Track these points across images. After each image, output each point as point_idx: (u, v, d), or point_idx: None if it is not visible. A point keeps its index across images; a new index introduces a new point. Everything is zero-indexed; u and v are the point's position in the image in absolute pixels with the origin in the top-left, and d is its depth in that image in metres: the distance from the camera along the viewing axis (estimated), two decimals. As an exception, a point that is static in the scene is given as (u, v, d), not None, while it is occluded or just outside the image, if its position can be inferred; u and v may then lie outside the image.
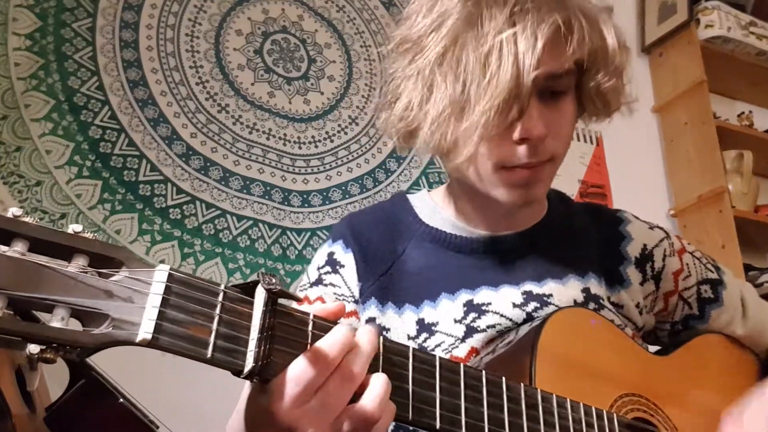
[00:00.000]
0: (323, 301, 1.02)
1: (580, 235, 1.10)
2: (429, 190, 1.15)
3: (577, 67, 0.92)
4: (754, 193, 3.08)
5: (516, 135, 0.89)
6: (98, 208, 2.02)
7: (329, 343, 0.63)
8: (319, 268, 1.06)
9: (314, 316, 0.66)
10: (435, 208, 1.09)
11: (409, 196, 1.14)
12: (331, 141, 2.48)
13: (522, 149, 0.90)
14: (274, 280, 0.61)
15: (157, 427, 1.47)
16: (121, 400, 1.40)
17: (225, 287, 0.61)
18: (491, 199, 0.97)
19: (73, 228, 0.55)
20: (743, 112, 3.34)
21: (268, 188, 2.31)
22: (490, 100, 0.83)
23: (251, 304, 0.61)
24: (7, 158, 1.94)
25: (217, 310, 0.59)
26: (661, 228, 1.15)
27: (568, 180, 2.83)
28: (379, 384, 0.65)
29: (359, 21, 2.70)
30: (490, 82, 0.83)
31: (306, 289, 1.05)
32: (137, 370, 1.50)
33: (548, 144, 0.91)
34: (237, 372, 0.60)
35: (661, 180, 3.13)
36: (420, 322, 0.99)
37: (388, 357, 0.69)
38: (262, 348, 0.60)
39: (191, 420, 1.65)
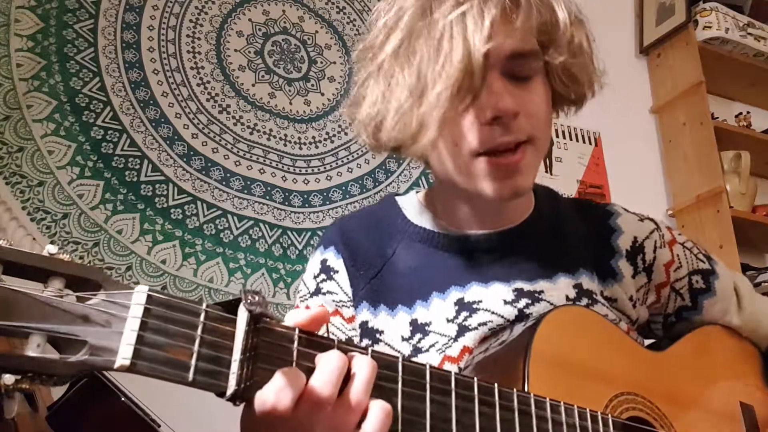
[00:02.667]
0: None
1: (569, 231, 1.08)
2: (418, 192, 1.14)
3: (540, 48, 0.92)
4: (752, 194, 3.08)
5: (487, 114, 0.88)
6: (100, 208, 2.04)
7: (324, 381, 0.62)
8: (315, 277, 1.06)
9: (300, 331, 0.64)
10: (423, 209, 1.09)
11: (397, 198, 1.13)
12: (332, 141, 2.49)
13: (496, 129, 0.89)
14: (257, 298, 0.59)
15: (159, 426, 1.48)
16: (123, 398, 1.40)
17: (207, 306, 0.58)
18: (477, 196, 0.95)
19: (48, 249, 0.53)
20: (741, 113, 3.34)
21: (269, 188, 2.32)
22: (445, 80, 0.84)
23: (234, 322, 0.59)
24: (9, 158, 1.96)
25: (199, 331, 0.57)
26: (651, 219, 1.13)
27: (566, 180, 2.81)
28: (380, 412, 0.65)
29: (359, 22, 2.71)
30: (444, 65, 0.84)
31: (306, 300, 1.05)
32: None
33: (522, 122, 0.90)
34: (220, 394, 0.58)
35: (660, 180, 3.13)
36: (413, 323, 0.99)
37: (377, 371, 0.68)
38: (245, 370, 0.58)
39: (193, 419, 1.65)
